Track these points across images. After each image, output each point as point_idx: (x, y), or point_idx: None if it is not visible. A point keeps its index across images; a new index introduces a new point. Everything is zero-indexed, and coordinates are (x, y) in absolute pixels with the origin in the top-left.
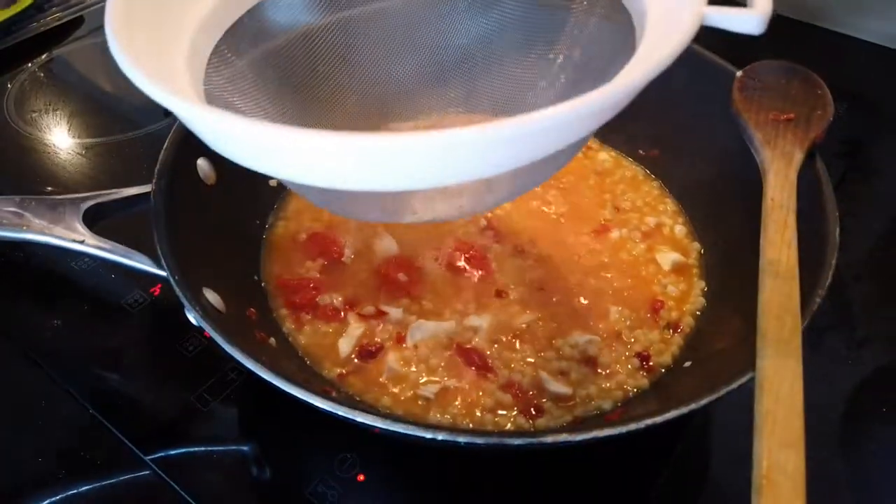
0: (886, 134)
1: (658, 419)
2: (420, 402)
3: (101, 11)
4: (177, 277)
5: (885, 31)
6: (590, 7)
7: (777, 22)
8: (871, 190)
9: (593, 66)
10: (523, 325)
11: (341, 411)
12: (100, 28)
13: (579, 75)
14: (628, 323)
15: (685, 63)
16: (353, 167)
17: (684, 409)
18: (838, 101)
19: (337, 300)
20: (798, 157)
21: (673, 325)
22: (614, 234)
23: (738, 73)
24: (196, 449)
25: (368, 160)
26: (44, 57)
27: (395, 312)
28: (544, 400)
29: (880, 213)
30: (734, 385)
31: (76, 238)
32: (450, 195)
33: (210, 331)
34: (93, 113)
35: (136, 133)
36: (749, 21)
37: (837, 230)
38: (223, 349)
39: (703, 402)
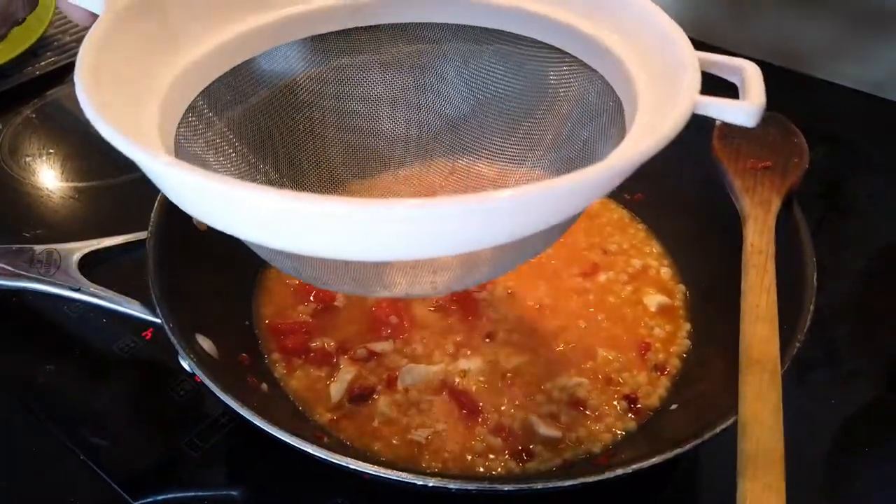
0: (863, 176)
1: (644, 464)
2: (412, 447)
3: None
4: (171, 325)
5: (862, 76)
6: (580, 91)
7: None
8: (850, 230)
9: (582, 144)
10: (513, 368)
11: (333, 458)
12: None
13: (568, 150)
14: (616, 365)
15: None
16: (310, 230)
17: (669, 455)
18: (817, 144)
19: (329, 344)
20: (776, 204)
21: (660, 368)
22: (602, 276)
23: (718, 121)
24: (185, 494)
25: (327, 225)
26: (38, 101)
27: (385, 345)
28: (534, 444)
29: (859, 253)
30: (717, 430)
31: (73, 286)
32: (423, 271)
33: (204, 378)
34: (87, 156)
35: (131, 176)
36: (742, 112)
37: (815, 275)
38: (216, 396)
39: (688, 447)
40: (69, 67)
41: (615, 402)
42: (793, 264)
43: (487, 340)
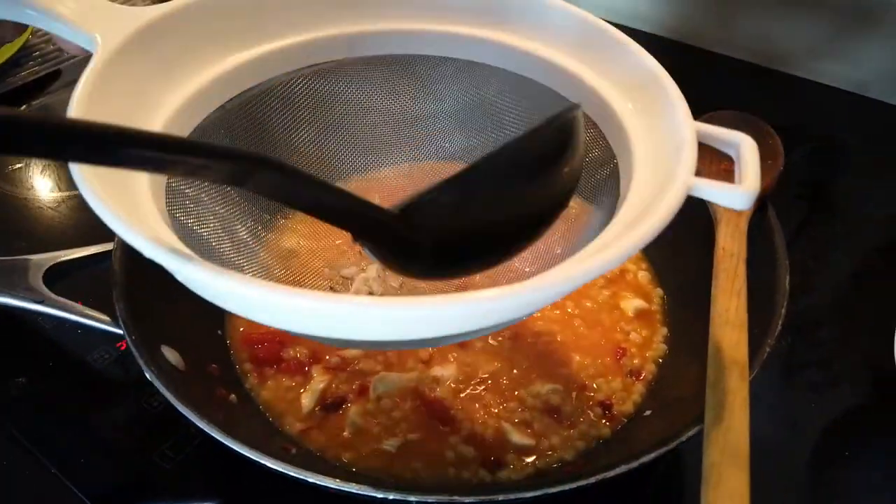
0: (846, 175)
1: (609, 474)
2: (382, 457)
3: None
4: (133, 336)
5: (843, 74)
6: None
7: (738, 67)
8: (835, 231)
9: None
10: (487, 376)
11: (291, 472)
12: (76, 81)
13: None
14: (591, 371)
15: None
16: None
17: (633, 464)
18: (802, 144)
19: (302, 353)
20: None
21: (635, 373)
22: None
23: None
24: None
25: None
26: (24, 107)
27: (358, 353)
28: (507, 452)
29: (844, 254)
30: (684, 437)
31: (35, 298)
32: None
33: (164, 390)
34: (65, 165)
35: None
36: (736, 197)
37: (787, 278)
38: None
39: (653, 455)
40: (52, 76)
41: (589, 409)
42: (766, 267)
43: (462, 347)
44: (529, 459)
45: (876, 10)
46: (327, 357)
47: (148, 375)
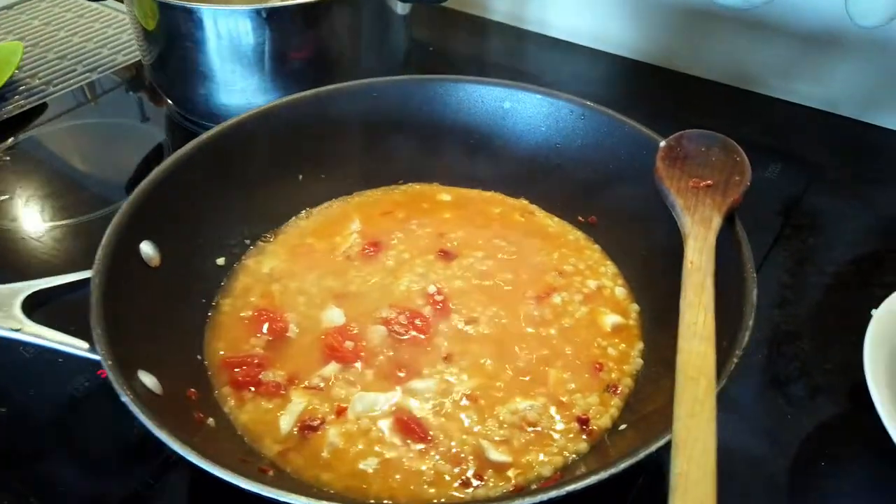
0: (819, 191)
1: (579, 485)
2: (360, 477)
3: (64, 98)
4: (110, 363)
5: (814, 94)
6: None
7: (712, 88)
8: (809, 246)
9: None
10: (466, 393)
11: (265, 492)
12: (63, 114)
13: None
14: (569, 387)
15: (615, 134)
16: None
17: (604, 475)
18: (775, 161)
19: (280, 375)
20: (716, 221)
21: (612, 387)
22: (557, 298)
23: (662, 143)
24: None
25: None
26: (9, 141)
27: (336, 373)
28: (485, 469)
29: (818, 269)
30: (653, 448)
31: (12, 326)
32: None
33: (138, 414)
34: (55, 196)
35: (100, 212)
36: None
37: (755, 291)
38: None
39: (623, 466)
40: (38, 110)
41: (567, 424)
42: (735, 281)
43: (440, 366)
44: (508, 476)
45: (843, 30)
46: (307, 380)
47: (123, 400)
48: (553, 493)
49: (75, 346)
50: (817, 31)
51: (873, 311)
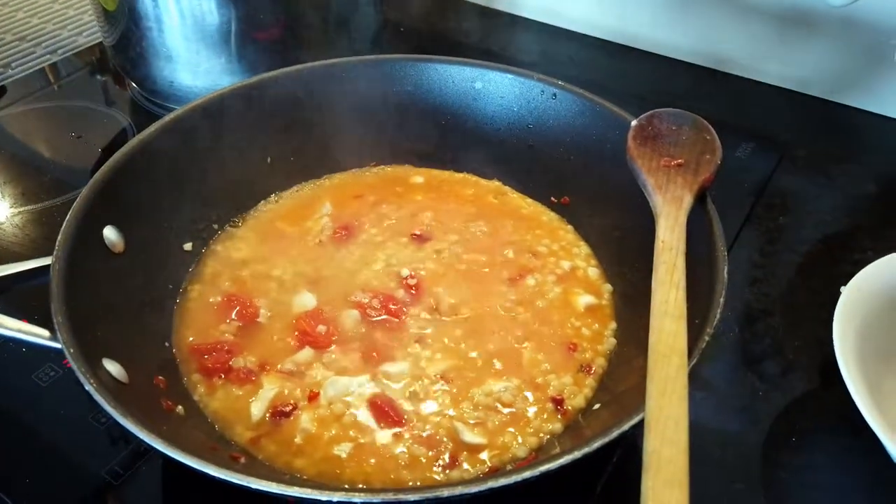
0: (790, 171)
1: (552, 466)
2: (334, 462)
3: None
4: (72, 350)
5: (785, 74)
6: None
7: (687, 70)
8: (778, 224)
9: None
10: (439, 376)
11: (235, 479)
12: (23, 98)
13: None
14: (544, 367)
15: (587, 114)
16: None
17: (577, 454)
18: (746, 141)
19: (251, 361)
20: (687, 200)
21: (586, 367)
22: (530, 279)
23: (633, 122)
24: None
25: None
26: None
27: (308, 358)
28: (460, 451)
29: (789, 248)
30: (626, 427)
31: None
32: None
33: (102, 403)
34: (16, 182)
35: (61, 198)
36: None
37: (725, 269)
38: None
39: (596, 445)
40: None
41: (541, 405)
42: (706, 259)
43: (414, 349)
44: (483, 457)
45: (815, 11)
46: (279, 365)
47: (87, 389)
48: (527, 474)
49: (36, 334)
50: (788, 11)
51: (842, 288)
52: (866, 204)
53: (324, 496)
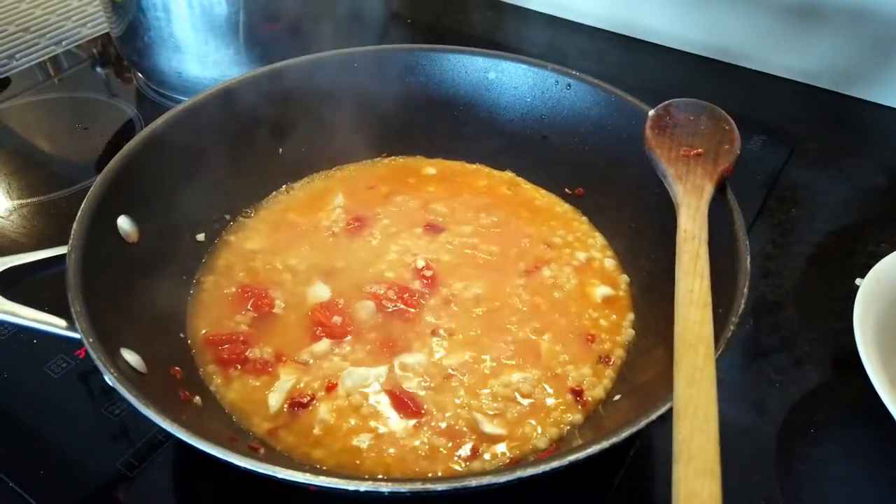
0: (801, 164)
1: (580, 455)
2: (353, 453)
3: (28, 73)
4: (91, 340)
5: (796, 66)
6: None
7: (697, 62)
8: (791, 216)
9: None
10: (458, 367)
11: (261, 469)
12: (27, 90)
13: None
14: (562, 359)
15: (601, 104)
16: None
17: (605, 444)
18: (756, 133)
19: (267, 352)
20: (708, 189)
21: (605, 358)
22: (546, 270)
23: (651, 112)
24: None
25: None
26: None
27: (325, 349)
28: (480, 442)
29: (801, 240)
30: (653, 416)
31: None
32: None
33: (124, 392)
34: (20, 174)
35: (68, 190)
36: None
37: (748, 258)
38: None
39: (624, 435)
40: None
41: (561, 396)
42: (727, 248)
43: (431, 339)
44: (503, 449)
45: (822, 3)
46: (295, 356)
47: (107, 378)
48: (556, 464)
49: (53, 323)
50: (797, 3)
51: (858, 281)
52: (877, 196)
53: (351, 486)
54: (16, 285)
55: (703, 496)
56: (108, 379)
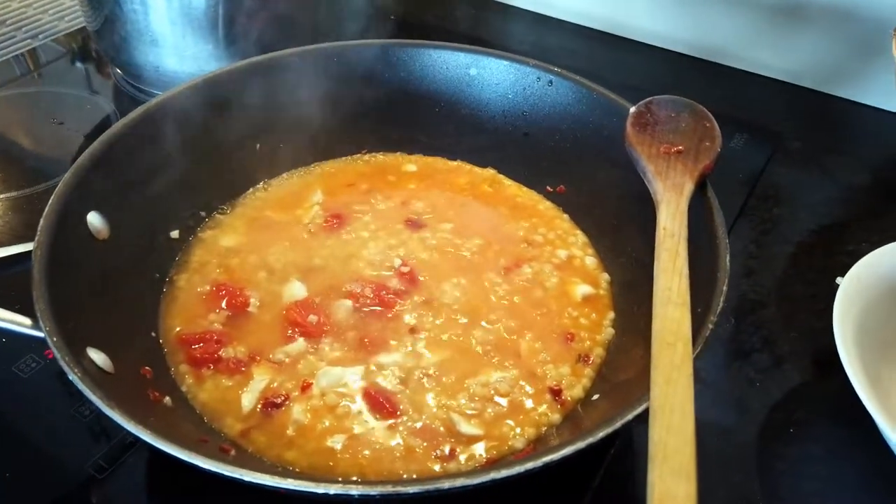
0: (783, 163)
1: (555, 457)
2: (327, 454)
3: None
4: (55, 338)
5: (779, 65)
6: None
7: (681, 60)
8: (772, 215)
9: None
10: (434, 366)
11: (227, 471)
12: (3, 84)
13: None
14: (541, 358)
15: (583, 101)
16: None
17: (581, 445)
18: (739, 132)
19: (241, 352)
20: (688, 187)
21: (584, 357)
22: (527, 268)
23: (632, 109)
24: None
25: None
26: None
27: (300, 348)
28: (456, 443)
29: (784, 238)
30: (630, 416)
31: None
32: None
33: (87, 392)
34: None
35: (43, 186)
36: None
37: (727, 256)
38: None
39: (600, 435)
40: None
41: (539, 396)
42: (707, 246)
43: (408, 338)
44: (480, 449)
45: (808, 3)
46: (270, 356)
47: (70, 378)
48: (530, 465)
49: (18, 322)
50: (781, 2)
51: (838, 280)
52: (860, 195)
53: (319, 488)
54: None
55: (679, 497)
56: (72, 378)
